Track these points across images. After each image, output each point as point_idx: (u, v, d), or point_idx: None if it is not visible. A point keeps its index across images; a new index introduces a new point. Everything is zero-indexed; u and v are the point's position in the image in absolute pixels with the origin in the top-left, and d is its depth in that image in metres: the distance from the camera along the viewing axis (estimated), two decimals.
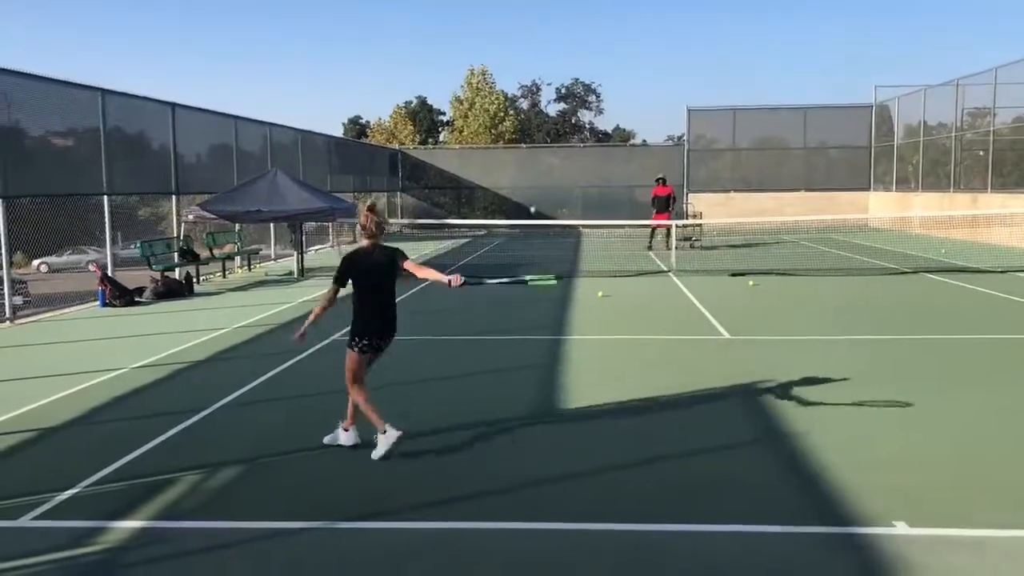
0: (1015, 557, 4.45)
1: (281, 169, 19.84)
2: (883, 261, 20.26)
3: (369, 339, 6.26)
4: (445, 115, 63.08)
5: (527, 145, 48.41)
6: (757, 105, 38.06)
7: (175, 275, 17.02)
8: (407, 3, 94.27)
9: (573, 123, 66.76)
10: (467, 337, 11.23)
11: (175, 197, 19.00)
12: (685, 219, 28.55)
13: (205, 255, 18.93)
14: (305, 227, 21.04)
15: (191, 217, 18.17)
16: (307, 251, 22.60)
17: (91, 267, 15.21)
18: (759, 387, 8.10)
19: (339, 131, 61.85)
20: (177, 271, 17.38)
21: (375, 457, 6.07)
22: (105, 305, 14.55)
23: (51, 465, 6.24)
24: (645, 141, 58.10)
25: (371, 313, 6.28)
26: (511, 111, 57.08)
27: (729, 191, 36.49)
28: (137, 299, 15.06)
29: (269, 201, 17.95)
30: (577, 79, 65.90)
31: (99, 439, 6.89)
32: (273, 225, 23.39)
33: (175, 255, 17.70)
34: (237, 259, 20.69)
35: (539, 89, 65.32)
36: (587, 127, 67.26)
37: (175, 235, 18.46)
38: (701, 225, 26.72)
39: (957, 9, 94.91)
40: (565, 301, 14.26)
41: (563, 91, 65.91)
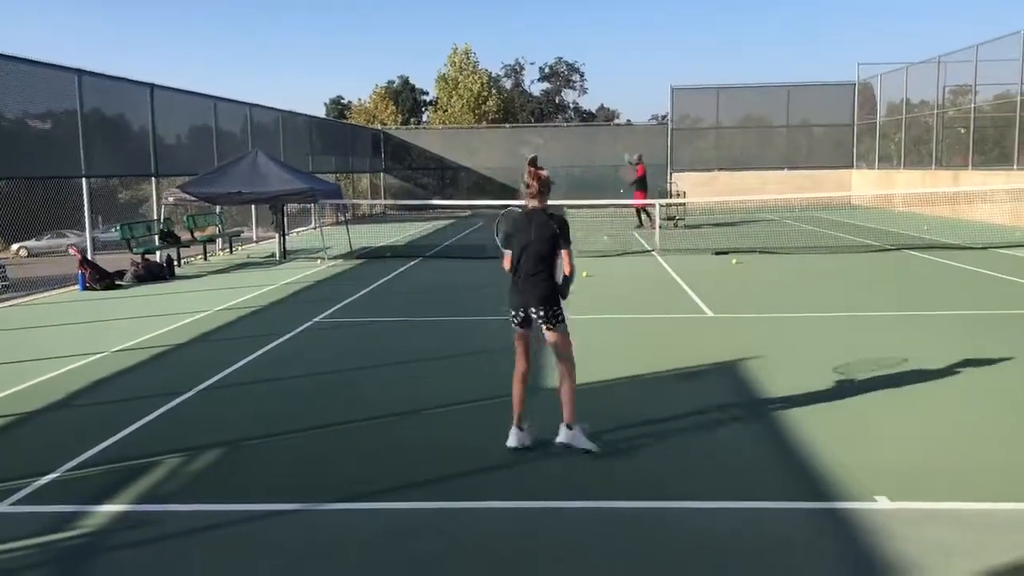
0: (994, 529, 4.48)
1: (262, 150, 19.69)
2: (866, 238, 20.35)
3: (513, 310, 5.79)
4: (428, 95, 62.77)
5: (511, 125, 48.24)
6: (740, 83, 38.14)
7: (156, 258, 16.88)
8: None
9: (557, 103, 66.60)
10: (450, 318, 11.20)
11: (155, 179, 18.82)
12: (669, 198, 28.55)
13: (186, 238, 18.80)
14: (287, 209, 20.91)
15: (171, 199, 18.01)
16: (289, 233, 22.46)
17: (71, 250, 15.05)
18: (742, 364, 8.13)
19: (321, 112, 61.48)
20: (158, 254, 17.24)
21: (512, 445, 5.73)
22: (85, 289, 14.43)
23: (31, 449, 6.19)
24: (629, 121, 58.13)
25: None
26: (494, 90, 56.83)
27: (713, 170, 36.52)
28: (118, 282, 14.94)
29: (250, 182, 17.80)
30: (561, 58, 65.88)
31: (80, 423, 6.83)
32: (255, 207, 23.22)
33: (156, 238, 17.55)
34: (218, 241, 20.56)
35: (523, 68, 65.19)
36: (571, 107, 67.16)
37: (155, 218, 18.29)
38: (685, 204, 26.73)
39: None
40: None
41: (547, 70, 65.81)
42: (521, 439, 5.80)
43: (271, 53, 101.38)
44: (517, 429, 5.82)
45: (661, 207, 21.54)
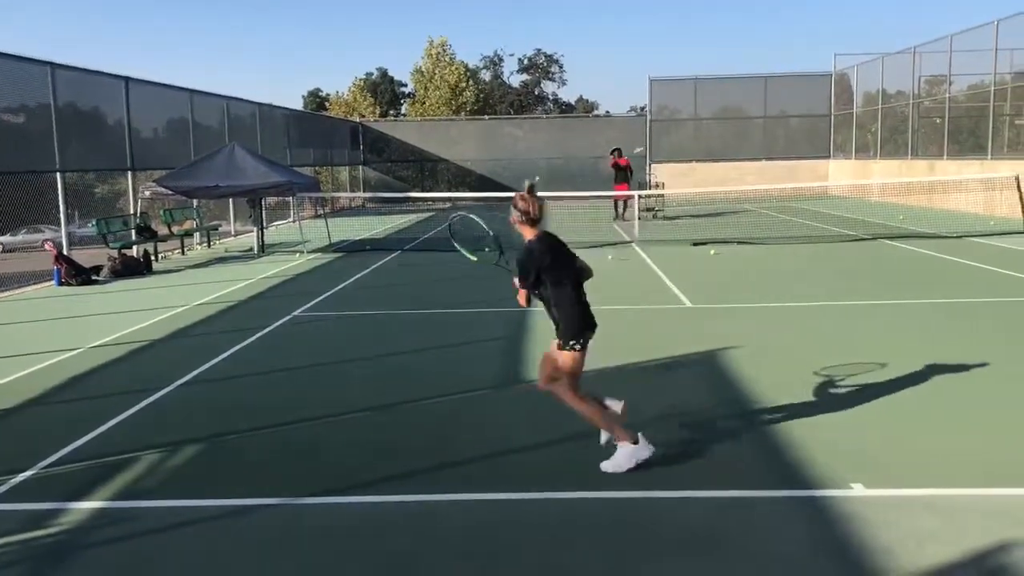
0: (966, 515, 4.55)
1: (239, 143, 19.54)
2: (843, 228, 20.51)
3: (586, 337, 5.52)
4: (407, 87, 62.54)
5: (490, 117, 48.16)
6: (718, 74, 38.20)
7: (133, 253, 16.76)
8: None
9: (536, 94, 66.51)
10: (429, 310, 11.19)
11: (131, 173, 18.64)
12: (648, 189, 28.64)
13: (163, 232, 18.65)
14: (265, 202, 20.79)
15: (148, 194, 17.87)
16: (268, 227, 22.35)
17: (46, 245, 14.90)
18: (720, 354, 8.19)
19: (299, 104, 61.06)
20: (135, 249, 17.11)
21: (605, 468, 5.22)
22: (61, 284, 14.30)
23: (7, 446, 6.13)
24: (608, 112, 58.11)
25: (581, 307, 5.55)
26: (472, 81, 56.69)
27: (691, 161, 36.63)
28: (94, 278, 14.82)
29: (228, 176, 17.68)
30: (539, 50, 65.71)
31: (57, 419, 6.78)
32: (232, 201, 23.07)
33: (132, 233, 17.40)
34: (196, 236, 20.41)
35: (501, 60, 65.04)
36: (550, 98, 67.07)
37: (132, 212, 18.14)
38: (663, 195, 26.82)
39: None
40: None
41: (525, 62, 65.65)
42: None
43: (248, 45, 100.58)
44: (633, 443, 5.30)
45: (640, 199, 21.60)
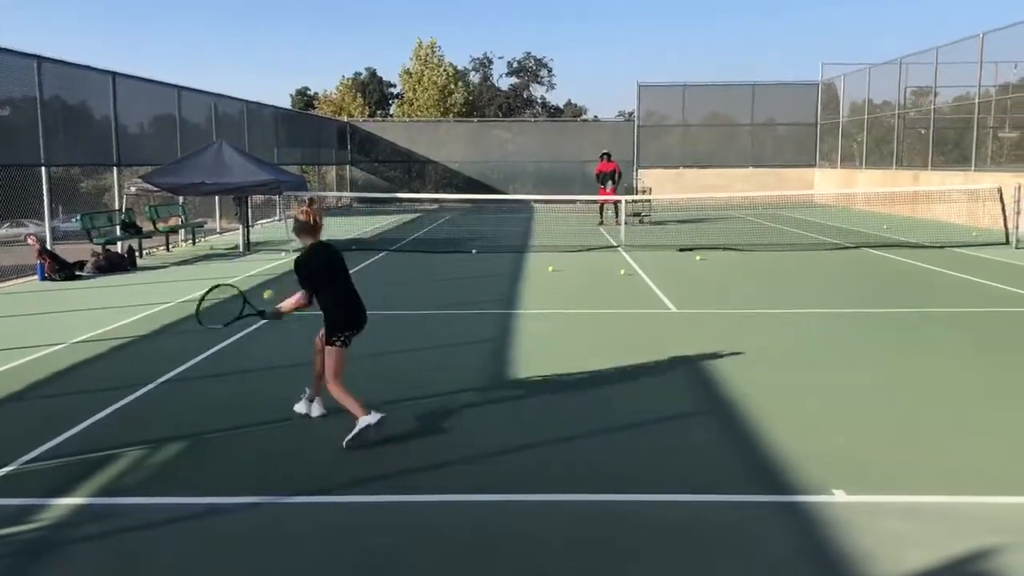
0: (946, 520, 4.60)
1: (227, 141, 19.46)
2: (827, 236, 20.64)
3: (351, 331, 6.14)
4: (396, 87, 62.44)
5: (478, 119, 48.18)
6: (706, 81, 38.40)
7: (117, 249, 16.65)
8: None
9: (525, 97, 66.52)
10: (418, 312, 11.18)
11: (116, 169, 18.53)
12: (635, 194, 28.72)
13: (148, 228, 18.55)
14: (252, 200, 20.71)
15: (133, 190, 17.75)
16: (253, 225, 22.26)
17: (29, 240, 14.78)
18: (705, 359, 8.22)
19: (287, 103, 60.85)
20: (119, 245, 17.00)
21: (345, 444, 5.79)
22: (44, 279, 14.19)
23: None
24: (596, 117, 58.26)
25: (352, 305, 6.18)
26: (460, 83, 56.67)
27: (679, 167, 36.74)
28: (78, 273, 14.71)
29: (214, 173, 17.60)
30: (529, 53, 65.67)
31: (37, 415, 6.73)
32: (218, 198, 22.97)
33: (117, 228, 17.29)
34: (181, 233, 20.31)
35: (491, 62, 64.96)
36: (539, 102, 67.11)
37: (117, 208, 18.02)
38: (650, 200, 26.90)
39: None
40: (516, 276, 14.30)
41: (515, 65, 65.63)
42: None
43: (236, 44, 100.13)
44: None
45: (627, 203, 21.66)
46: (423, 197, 32.89)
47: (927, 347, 8.77)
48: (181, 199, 19.84)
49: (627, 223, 21.19)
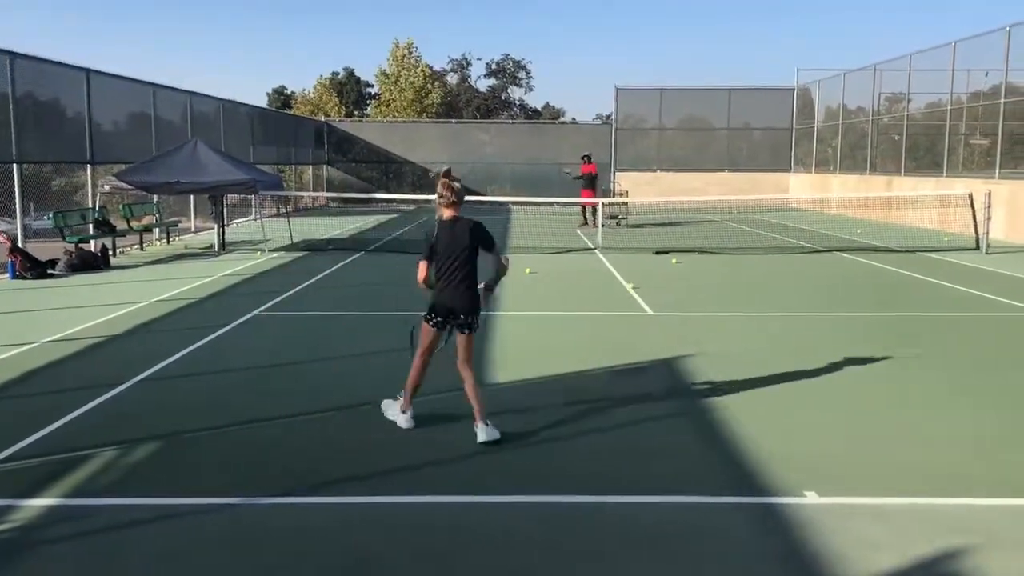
0: (914, 523, 4.67)
1: (202, 139, 19.32)
2: (801, 240, 20.84)
3: (442, 316, 6.12)
4: (373, 87, 62.19)
5: (456, 120, 48.14)
6: (683, 85, 38.57)
7: (90, 247, 16.49)
8: None
9: (503, 99, 66.51)
10: (394, 313, 11.16)
11: (90, 167, 18.35)
12: (612, 197, 28.81)
13: (122, 227, 18.37)
14: (227, 199, 20.58)
15: (107, 188, 17.58)
16: (229, 224, 22.11)
17: (0, 238, 14.60)
18: (679, 362, 8.28)
19: (263, 101, 60.48)
20: (92, 243, 16.83)
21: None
22: (16, 277, 14.03)
23: None
24: (574, 119, 58.43)
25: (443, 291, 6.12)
26: (437, 84, 56.57)
27: (656, 170, 36.93)
28: (50, 271, 14.55)
29: (189, 172, 17.45)
30: (507, 55, 65.62)
31: (8, 415, 6.66)
32: (193, 197, 22.79)
33: (90, 226, 17.12)
34: (155, 231, 20.14)
35: (469, 64, 64.87)
36: (517, 104, 67.13)
37: (91, 206, 17.84)
38: (627, 203, 27.00)
39: None
40: None
41: (493, 67, 65.59)
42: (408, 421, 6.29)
43: (212, 42, 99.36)
44: (409, 412, 6.30)
45: (604, 206, 21.74)
46: (400, 198, 32.81)
47: (898, 350, 8.88)
48: (156, 197, 19.66)
49: (604, 226, 21.28)
